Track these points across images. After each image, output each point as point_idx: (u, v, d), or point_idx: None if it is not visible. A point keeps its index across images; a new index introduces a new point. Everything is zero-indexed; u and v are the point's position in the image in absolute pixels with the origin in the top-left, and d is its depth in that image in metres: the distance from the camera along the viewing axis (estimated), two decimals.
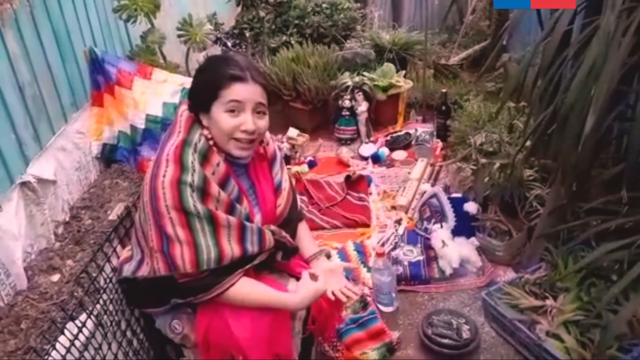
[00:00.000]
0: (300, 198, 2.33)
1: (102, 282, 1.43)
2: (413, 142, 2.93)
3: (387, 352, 1.71)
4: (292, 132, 2.93)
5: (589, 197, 1.66)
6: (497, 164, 2.06)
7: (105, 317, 1.39)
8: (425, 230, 2.18)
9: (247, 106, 1.28)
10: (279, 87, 3.02)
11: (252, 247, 1.29)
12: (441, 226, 2.11)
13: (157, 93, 2.23)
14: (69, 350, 1.22)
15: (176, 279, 1.25)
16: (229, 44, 3.34)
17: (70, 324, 1.26)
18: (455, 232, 2.08)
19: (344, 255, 2.12)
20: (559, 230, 1.74)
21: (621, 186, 1.46)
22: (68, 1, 2.07)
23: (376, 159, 2.85)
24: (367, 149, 2.92)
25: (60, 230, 1.84)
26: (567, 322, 1.53)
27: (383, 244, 2.15)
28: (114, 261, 1.49)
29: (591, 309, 1.52)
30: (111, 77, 2.22)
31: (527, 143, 1.74)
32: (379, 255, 1.84)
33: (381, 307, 1.86)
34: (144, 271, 1.33)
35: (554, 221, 1.77)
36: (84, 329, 1.29)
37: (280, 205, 1.44)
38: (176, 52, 2.80)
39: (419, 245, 2.12)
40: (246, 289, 1.27)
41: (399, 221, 2.31)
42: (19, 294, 1.53)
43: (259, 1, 3.35)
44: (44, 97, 1.87)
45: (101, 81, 2.23)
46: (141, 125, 2.22)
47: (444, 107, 2.85)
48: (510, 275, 1.95)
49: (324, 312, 1.43)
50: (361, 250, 2.15)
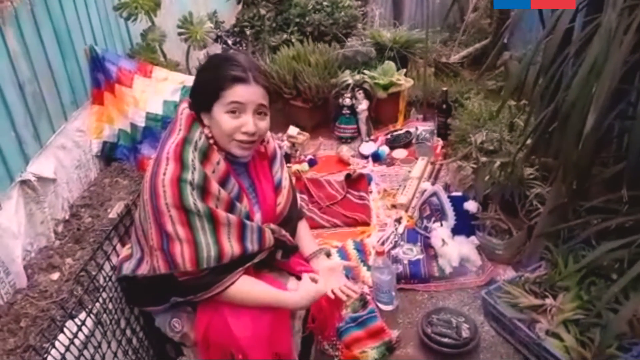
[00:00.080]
0: (300, 196, 2.34)
1: (101, 280, 1.43)
2: (413, 141, 2.92)
3: (386, 350, 1.72)
4: (293, 130, 2.93)
5: (590, 196, 1.66)
6: (498, 163, 2.06)
7: (104, 316, 1.39)
8: (425, 228, 2.18)
9: (248, 107, 1.27)
10: (279, 86, 3.02)
11: (252, 245, 1.29)
12: (441, 225, 2.11)
13: (157, 91, 2.22)
14: (68, 348, 1.22)
15: (176, 277, 1.25)
16: (230, 42, 3.34)
17: (69, 323, 1.26)
18: (455, 231, 2.08)
19: (343, 254, 2.12)
20: (559, 229, 1.74)
21: (622, 185, 1.45)
22: None
23: (376, 157, 2.85)
24: (367, 148, 2.91)
25: (60, 229, 1.83)
26: (567, 321, 1.53)
27: (383, 243, 2.15)
28: (113, 259, 1.49)
29: (591, 308, 1.52)
30: (111, 75, 2.21)
31: (528, 141, 1.74)
32: (378, 253, 1.84)
33: (381, 306, 1.86)
34: (143, 269, 1.33)
35: (554, 220, 1.77)
36: (83, 328, 1.29)
37: (280, 203, 1.44)
38: (176, 50, 2.80)
39: (418, 243, 2.12)
40: (246, 287, 1.27)
41: (399, 220, 2.31)
42: (19, 293, 1.52)
43: None
44: (44, 95, 1.87)
45: (101, 79, 2.23)
46: (141, 123, 2.21)
47: (444, 106, 2.85)
48: (510, 274, 1.95)
49: (323, 311, 1.43)
50: (361, 249, 2.15)
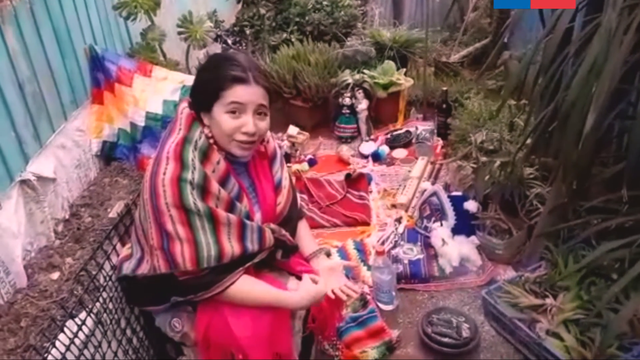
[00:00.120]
0: (300, 196, 2.34)
1: (101, 280, 1.43)
2: (413, 140, 2.92)
3: (386, 350, 1.72)
4: (293, 130, 2.93)
5: (590, 196, 1.66)
6: (498, 162, 2.06)
7: (104, 315, 1.39)
8: (425, 228, 2.18)
9: (248, 108, 1.27)
10: (279, 85, 3.02)
11: (252, 245, 1.29)
12: (441, 224, 2.11)
13: (157, 90, 2.22)
14: (68, 348, 1.22)
15: (176, 276, 1.25)
16: (229, 41, 3.34)
17: (69, 322, 1.27)
18: (455, 231, 2.07)
19: (344, 254, 2.12)
20: (559, 228, 1.74)
21: (622, 185, 1.45)
22: None
23: (376, 157, 2.85)
24: (367, 147, 2.91)
25: (60, 228, 1.83)
26: (567, 320, 1.53)
27: (383, 243, 2.15)
28: (113, 259, 1.49)
29: (591, 307, 1.52)
30: (111, 74, 2.21)
31: (528, 141, 1.74)
32: (379, 253, 1.84)
33: (381, 306, 1.86)
34: (144, 269, 1.33)
35: (554, 220, 1.77)
36: (83, 327, 1.30)
37: (280, 203, 1.44)
38: (176, 49, 2.79)
39: (419, 243, 2.12)
40: (246, 287, 1.27)
41: (399, 219, 2.31)
42: (19, 292, 1.52)
43: None
44: (43, 95, 1.86)
45: (101, 79, 2.22)
46: (141, 122, 2.21)
47: (444, 105, 2.85)
48: (510, 273, 1.95)
49: (324, 311, 1.43)
50: (361, 249, 2.15)
